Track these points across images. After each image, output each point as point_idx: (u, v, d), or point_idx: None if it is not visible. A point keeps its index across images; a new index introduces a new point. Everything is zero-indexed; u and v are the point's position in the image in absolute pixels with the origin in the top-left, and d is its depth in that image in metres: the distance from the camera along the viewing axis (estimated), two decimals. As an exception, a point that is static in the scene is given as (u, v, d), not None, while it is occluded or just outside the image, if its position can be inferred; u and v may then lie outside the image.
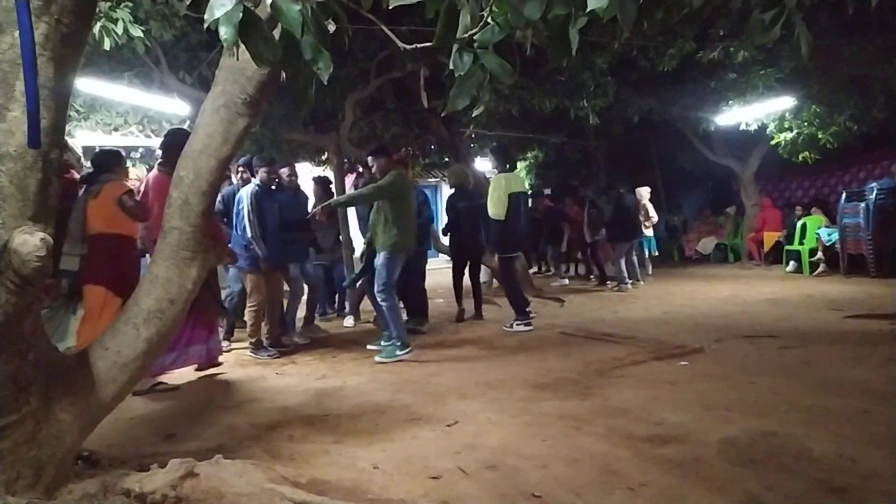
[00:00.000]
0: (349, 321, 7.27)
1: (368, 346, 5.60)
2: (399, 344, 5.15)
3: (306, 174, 8.24)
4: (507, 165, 6.74)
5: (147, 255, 4.70)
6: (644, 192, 10.92)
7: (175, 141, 4.50)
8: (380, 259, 5.25)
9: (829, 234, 10.05)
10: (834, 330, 5.47)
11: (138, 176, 7.57)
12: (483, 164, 11.32)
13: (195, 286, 2.58)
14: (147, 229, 4.58)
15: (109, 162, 4.55)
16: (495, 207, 6.27)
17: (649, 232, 11.18)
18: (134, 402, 3.90)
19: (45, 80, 1.98)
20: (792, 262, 10.85)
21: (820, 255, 10.22)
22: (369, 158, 5.64)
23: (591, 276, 11.14)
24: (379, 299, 5.28)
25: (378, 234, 5.31)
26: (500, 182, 6.33)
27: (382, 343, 5.35)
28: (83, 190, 4.53)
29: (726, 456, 2.73)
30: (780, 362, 4.40)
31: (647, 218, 10.91)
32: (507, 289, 6.73)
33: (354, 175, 9.26)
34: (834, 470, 2.53)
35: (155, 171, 4.70)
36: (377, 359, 5.11)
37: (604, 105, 8.67)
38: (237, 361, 5.32)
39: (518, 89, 8.17)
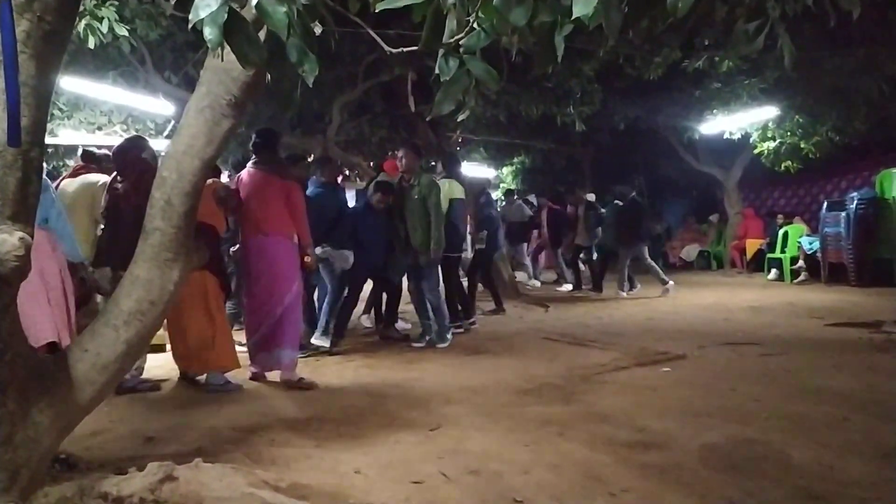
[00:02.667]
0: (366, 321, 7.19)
1: (413, 345, 5.81)
2: (448, 328, 5.85)
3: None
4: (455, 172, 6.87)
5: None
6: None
7: (266, 140, 4.70)
8: (426, 260, 5.63)
9: (811, 243, 10.17)
10: (814, 338, 5.53)
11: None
12: (472, 169, 11.36)
13: (177, 288, 2.55)
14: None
15: None
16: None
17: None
18: (113, 404, 3.85)
19: (27, 77, 1.96)
20: (774, 270, 10.97)
21: (801, 263, 10.34)
22: (401, 150, 5.82)
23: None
24: (432, 297, 5.73)
25: (420, 238, 5.58)
26: (444, 187, 6.38)
27: (430, 336, 5.79)
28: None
29: (707, 462, 2.74)
30: (762, 369, 4.44)
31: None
32: (446, 289, 6.67)
33: (340, 178, 9.24)
34: (813, 477, 2.55)
35: (249, 168, 4.69)
36: (442, 345, 5.71)
37: (590, 112, 8.73)
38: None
39: (505, 95, 8.20)
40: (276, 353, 4.41)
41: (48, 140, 5.44)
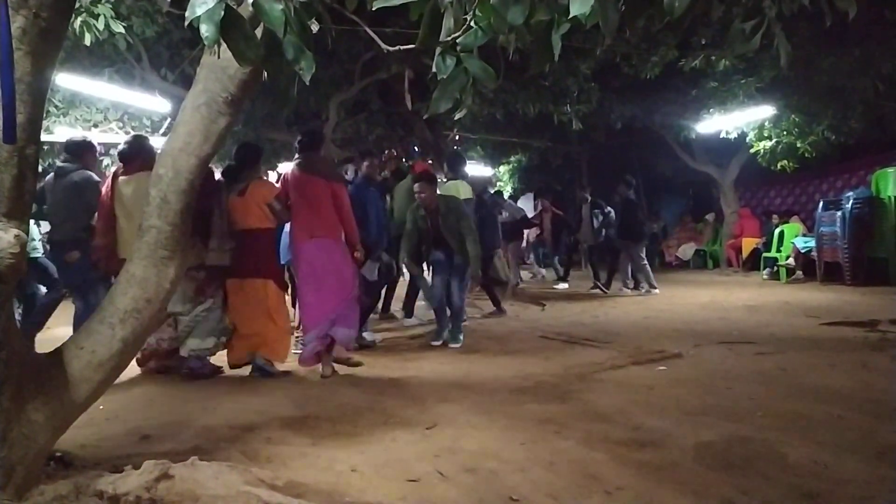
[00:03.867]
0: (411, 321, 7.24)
1: (451, 346, 5.72)
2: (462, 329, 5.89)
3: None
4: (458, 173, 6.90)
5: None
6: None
7: (311, 141, 4.74)
8: (462, 261, 5.62)
9: (805, 243, 10.19)
10: (810, 336, 5.55)
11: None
12: (469, 168, 11.34)
13: (173, 286, 2.55)
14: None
15: (251, 157, 4.72)
16: None
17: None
18: (109, 401, 3.84)
19: (22, 74, 1.95)
20: (767, 269, 11.00)
21: (791, 261, 10.37)
22: (418, 185, 5.53)
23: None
24: (458, 298, 5.73)
25: (455, 241, 5.54)
26: (451, 190, 6.43)
27: (454, 335, 5.77)
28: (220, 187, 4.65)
29: (702, 461, 2.75)
30: (757, 368, 4.45)
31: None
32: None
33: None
34: (808, 475, 2.56)
35: (293, 168, 4.70)
36: (455, 346, 5.66)
37: (587, 111, 8.74)
38: (216, 360, 5.26)
39: (502, 93, 8.21)
40: (334, 330, 4.53)
41: (44, 137, 5.42)
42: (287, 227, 4.83)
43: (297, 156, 4.72)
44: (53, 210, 5.01)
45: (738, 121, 10.37)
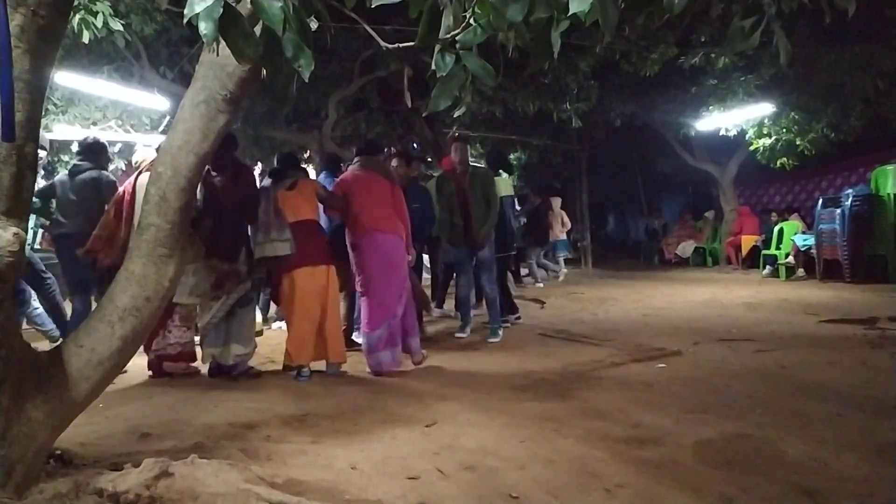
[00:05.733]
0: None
1: (490, 340, 5.80)
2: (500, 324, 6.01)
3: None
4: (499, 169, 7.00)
5: None
6: (556, 202, 11.74)
7: (371, 146, 5.22)
8: (488, 252, 5.81)
9: (804, 240, 10.20)
10: (809, 334, 5.55)
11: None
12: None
13: (172, 284, 2.55)
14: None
15: (294, 160, 5.13)
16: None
17: (563, 236, 11.93)
18: (108, 399, 3.84)
19: (21, 72, 1.95)
20: (768, 267, 11.00)
21: (791, 259, 10.37)
22: (460, 143, 5.98)
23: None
24: (490, 290, 5.90)
25: (480, 208, 5.70)
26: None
27: (494, 330, 5.91)
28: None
29: (702, 458, 2.75)
30: (756, 366, 4.45)
31: (563, 224, 11.76)
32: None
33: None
34: (807, 472, 2.56)
35: (355, 169, 4.94)
36: (494, 340, 5.78)
37: (587, 108, 8.73)
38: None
39: (501, 91, 8.20)
40: (407, 341, 4.81)
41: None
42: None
43: (356, 160, 5.04)
44: (64, 205, 5.11)
45: (738, 118, 10.36)
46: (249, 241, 4.56)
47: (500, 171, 7.01)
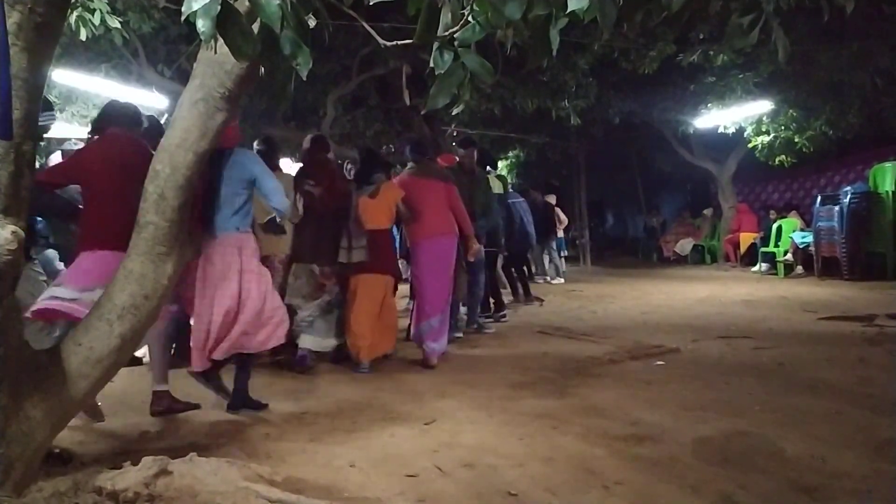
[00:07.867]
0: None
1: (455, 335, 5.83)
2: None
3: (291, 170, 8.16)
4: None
5: None
6: (550, 200, 11.45)
7: (419, 149, 5.22)
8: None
9: (803, 238, 10.21)
10: (807, 331, 5.56)
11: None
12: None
13: (171, 282, 2.55)
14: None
15: (379, 162, 5.12)
16: None
17: (560, 234, 11.79)
18: (107, 398, 3.84)
19: (18, 70, 1.95)
20: (765, 264, 11.02)
21: (789, 256, 10.38)
22: (466, 151, 5.93)
23: None
24: (478, 289, 6.02)
25: (479, 206, 5.71)
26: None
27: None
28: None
29: (700, 455, 2.76)
30: (755, 363, 4.46)
31: (560, 222, 11.56)
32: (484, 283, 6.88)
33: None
34: (805, 469, 2.56)
35: (408, 174, 5.04)
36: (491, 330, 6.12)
37: (585, 106, 8.72)
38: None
39: (499, 88, 8.19)
40: (447, 337, 4.96)
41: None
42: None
43: (410, 164, 5.11)
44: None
45: (736, 116, 10.37)
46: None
47: (489, 168, 7.06)
